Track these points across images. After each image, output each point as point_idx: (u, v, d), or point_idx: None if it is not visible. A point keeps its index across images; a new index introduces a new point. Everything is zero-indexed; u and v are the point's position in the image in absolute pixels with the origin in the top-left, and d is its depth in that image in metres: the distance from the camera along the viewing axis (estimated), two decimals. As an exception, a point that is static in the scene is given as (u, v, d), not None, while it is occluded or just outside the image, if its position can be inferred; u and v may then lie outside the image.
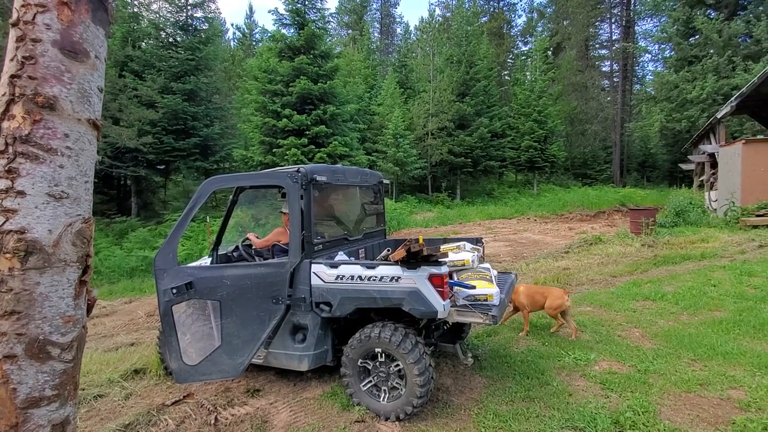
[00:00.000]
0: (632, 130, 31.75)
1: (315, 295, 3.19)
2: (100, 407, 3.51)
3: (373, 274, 3.04)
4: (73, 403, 1.06)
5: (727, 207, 11.78)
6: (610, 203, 20.32)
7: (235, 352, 3.24)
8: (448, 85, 24.28)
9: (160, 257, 3.37)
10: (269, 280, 3.22)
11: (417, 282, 2.89)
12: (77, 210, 1.03)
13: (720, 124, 14.04)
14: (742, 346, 4.01)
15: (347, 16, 43.22)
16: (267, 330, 3.18)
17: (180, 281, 3.24)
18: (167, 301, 3.27)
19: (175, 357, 3.30)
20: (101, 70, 1.10)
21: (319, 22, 15.53)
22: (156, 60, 17.46)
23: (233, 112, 20.74)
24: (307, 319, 3.25)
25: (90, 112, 1.06)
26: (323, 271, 3.18)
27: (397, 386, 3.04)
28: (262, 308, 3.22)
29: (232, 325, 3.26)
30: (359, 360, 3.12)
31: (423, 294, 2.87)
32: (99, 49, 1.09)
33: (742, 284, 6.05)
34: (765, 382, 3.29)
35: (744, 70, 18.66)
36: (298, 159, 13.30)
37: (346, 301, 3.11)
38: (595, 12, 36.43)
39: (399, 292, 2.94)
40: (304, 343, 3.28)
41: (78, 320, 1.05)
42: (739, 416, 2.87)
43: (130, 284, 9.51)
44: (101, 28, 1.10)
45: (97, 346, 5.25)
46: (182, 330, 3.33)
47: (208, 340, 3.31)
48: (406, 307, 2.92)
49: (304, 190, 3.23)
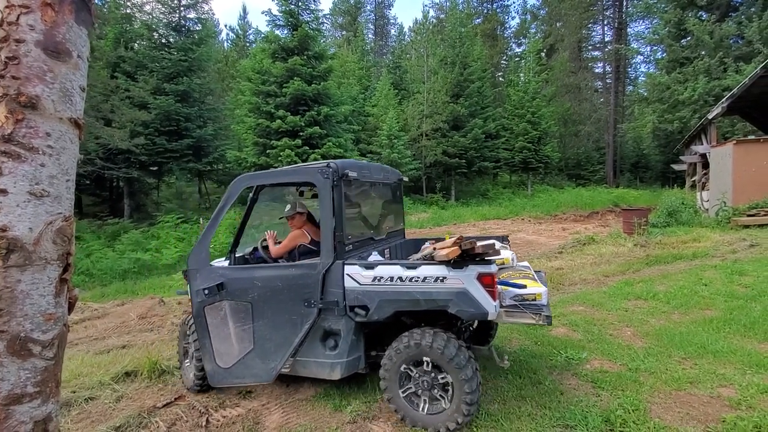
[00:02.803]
0: (625, 131, 32.03)
1: (349, 298, 3.01)
2: (90, 410, 3.48)
3: (414, 274, 2.88)
4: (55, 401, 1.06)
5: (718, 207, 11.90)
6: (604, 204, 20.46)
7: (267, 356, 3.16)
8: (442, 87, 24.36)
9: (192, 257, 3.34)
10: (301, 282, 3.09)
11: (465, 282, 2.74)
12: (58, 208, 1.02)
13: (711, 125, 14.19)
14: (732, 345, 4.05)
15: (341, 18, 43.28)
16: (300, 334, 3.07)
17: (212, 282, 3.19)
18: (200, 302, 3.24)
19: (209, 359, 3.27)
20: (84, 70, 1.10)
21: (312, 23, 15.53)
22: (148, 61, 17.40)
23: (227, 113, 20.71)
24: (340, 324, 3.07)
25: (72, 111, 1.06)
26: (358, 272, 3.01)
27: (440, 398, 2.86)
28: (294, 311, 3.11)
29: (265, 328, 3.17)
30: (402, 365, 2.94)
31: (472, 295, 2.72)
32: (82, 49, 1.09)
33: (733, 283, 6.11)
34: (755, 381, 3.32)
35: (735, 72, 18.87)
36: (292, 160, 13.28)
37: (384, 304, 2.95)
38: (587, 14, 36.72)
39: (445, 293, 2.79)
40: (336, 350, 3.10)
41: (59, 318, 1.04)
42: (729, 414, 2.89)
43: (123, 286, 9.44)
44: (84, 28, 1.10)
45: (89, 348, 5.21)
46: (215, 332, 3.27)
47: (241, 342, 3.25)
48: (452, 309, 2.77)
49: (336, 186, 3.06)
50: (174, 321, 6.11)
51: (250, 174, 3.45)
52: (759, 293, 5.52)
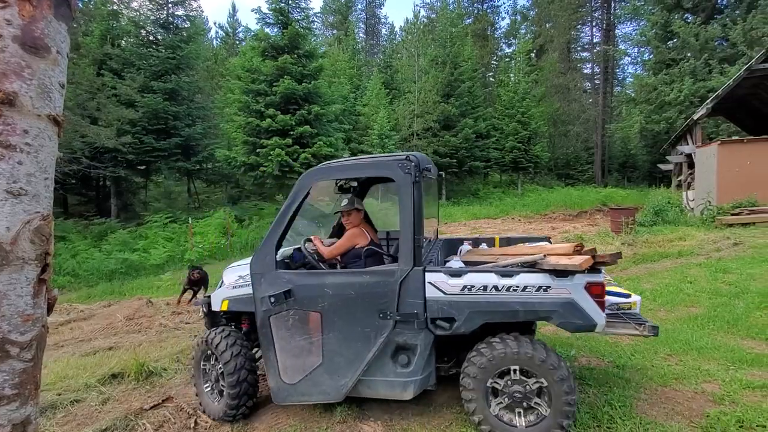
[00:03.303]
0: (613, 131, 32.42)
1: (431, 309, 2.72)
2: (76, 412, 3.43)
3: (513, 283, 2.64)
4: (34, 403, 1.04)
5: (703, 206, 12.10)
6: (592, 203, 20.71)
7: (337, 372, 2.88)
8: (433, 86, 24.44)
9: (256, 260, 3.01)
10: (376, 291, 2.78)
11: (572, 292, 2.55)
12: (36, 207, 1.00)
13: (697, 125, 14.43)
14: (716, 341, 4.13)
15: (332, 16, 43.15)
16: (373, 349, 2.79)
17: (278, 288, 2.89)
18: (265, 310, 2.94)
19: (273, 374, 2.98)
20: (63, 66, 1.08)
21: (303, 21, 15.45)
22: (136, 58, 17.18)
23: (216, 112, 20.54)
24: (418, 339, 2.77)
25: (50, 108, 1.03)
26: (443, 281, 2.72)
27: (536, 406, 2.64)
28: (367, 323, 2.80)
29: (335, 341, 2.88)
30: (489, 380, 2.68)
31: (580, 305, 2.53)
32: (61, 45, 1.07)
33: (717, 281, 6.22)
34: (738, 376, 3.38)
35: (720, 73, 19.22)
36: (283, 159, 13.20)
37: (475, 316, 2.68)
38: (576, 15, 37.11)
39: (549, 303, 2.57)
40: (410, 367, 2.81)
41: (37, 319, 1.02)
42: (712, 409, 2.94)
43: (110, 287, 9.31)
44: (63, 23, 1.08)
45: (74, 350, 5.13)
46: (281, 344, 2.97)
47: (309, 356, 2.95)
48: (556, 320, 2.59)
49: (416, 182, 2.74)
50: (162, 322, 6.04)
51: (323, 167, 3.05)
52: (742, 291, 5.64)
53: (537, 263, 2.70)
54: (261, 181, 14.29)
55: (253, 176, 14.26)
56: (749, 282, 5.98)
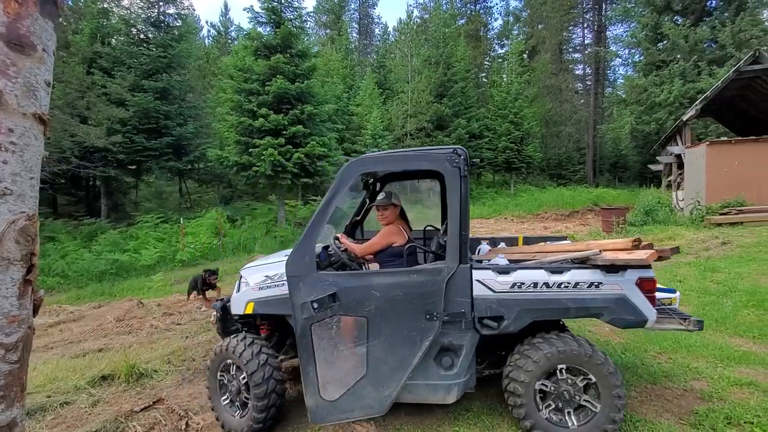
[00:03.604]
0: (604, 132, 32.73)
1: (479, 308, 2.64)
2: (66, 415, 3.39)
3: (564, 280, 2.61)
4: (20, 405, 1.02)
5: (692, 206, 12.26)
6: (584, 203, 20.89)
7: (381, 383, 2.68)
8: (426, 86, 24.48)
9: (293, 261, 2.71)
10: (423, 291, 2.62)
11: (624, 288, 2.54)
12: (21, 207, 0.99)
13: (686, 126, 14.61)
14: (705, 339, 4.18)
15: (325, 16, 43.02)
16: (418, 354, 2.64)
17: (321, 292, 2.63)
18: (306, 318, 2.64)
19: (312, 391, 2.69)
20: (49, 64, 1.06)
21: (296, 21, 15.38)
22: (126, 57, 17.01)
23: (208, 111, 20.40)
24: (464, 339, 2.68)
25: (36, 107, 1.02)
26: (491, 278, 2.66)
27: (585, 404, 2.60)
28: (413, 326, 2.64)
29: (380, 349, 2.67)
30: (537, 383, 2.62)
31: (632, 301, 2.52)
32: (47, 43, 1.05)
33: (706, 280, 6.31)
34: (726, 373, 3.43)
35: (709, 75, 19.48)
36: (275, 159, 13.13)
37: (524, 314, 2.63)
38: (568, 16, 37.40)
39: (601, 299, 2.55)
40: (454, 369, 2.71)
41: (23, 320, 1.01)
42: (701, 406, 2.98)
43: (100, 288, 9.20)
44: (50, 21, 1.06)
45: (64, 352, 5.06)
46: (322, 356, 2.68)
47: (352, 368, 2.72)
48: (607, 317, 2.58)
49: (464, 177, 2.64)
50: (153, 323, 5.98)
51: (369, 156, 2.85)
52: (730, 289, 5.72)
53: (590, 259, 2.67)
54: (253, 181, 14.20)
55: (245, 176, 14.17)
56: (737, 281, 6.07)
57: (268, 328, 3.26)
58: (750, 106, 16.22)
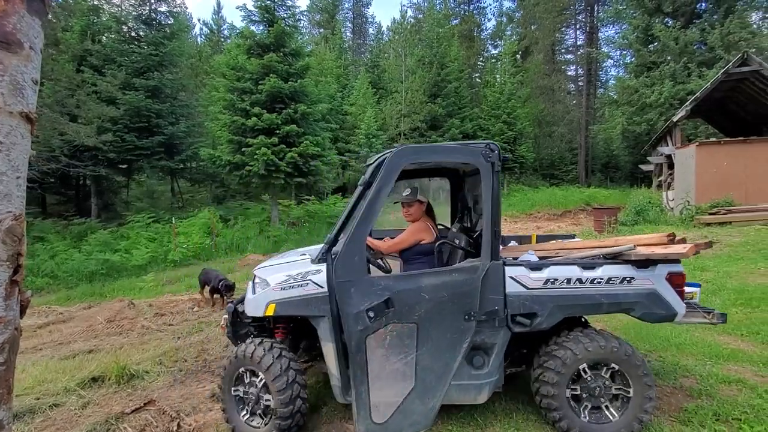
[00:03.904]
0: (596, 132, 32.98)
1: (512, 305, 2.60)
2: (55, 417, 3.35)
3: (596, 275, 2.60)
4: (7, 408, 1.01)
5: (682, 206, 12.41)
6: (576, 203, 21.04)
7: (427, 393, 2.53)
8: (420, 86, 24.53)
9: (341, 264, 2.48)
10: (463, 290, 2.54)
11: (655, 282, 2.56)
12: (7, 207, 0.97)
13: (676, 127, 14.79)
14: (694, 337, 4.24)
15: (318, 15, 42.90)
16: (459, 357, 2.55)
17: (375, 298, 2.43)
18: (362, 329, 2.40)
19: (364, 416, 2.44)
20: (37, 62, 1.05)
21: (289, 19, 15.30)
22: (117, 55, 16.82)
23: (200, 110, 20.24)
24: (496, 337, 2.63)
25: (23, 105, 1.00)
26: (524, 275, 2.63)
27: (619, 392, 2.63)
28: (455, 328, 2.54)
29: (427, 356, 2.53)
30: (569, 382, 2.60)
31: (662, 296, 2.55)
32: (34, 40, 1.04)
33: (695, 278, 6.38)
34: (714, 371, 3.48)
35: (699, 76, 19.73)
36: (268, 158, 13.07)
37: (557, 311, 2.60)
38: (561, 18, 37.63)
39: (633, 295, 2.56)
40: (485, 368, 2.66)
41: (10, 322, 1.00)
42: (690, 404, 3.02)
43: (90, 289, 9.09)
44: (37, 18, 1.05)
45: (53, 353, 5.00)
46: (375, 373, 2.46)
47: (401, 382, 2.50)
48: (638, 311, 2.58)
49: (497, 172, 2.60)
50: (144, 324, 5.93)
51: (410, 147, 2.71)
52: (718, 288, 5.80)
53: (623, 254, 2.66)
54: (246, 180, 14.12)
55: (238, 175, 14.08)
56: (726, 279, 6.16)
57: (283, 331, 3.11)
58: (738, 107, 16.45)
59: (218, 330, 5.34)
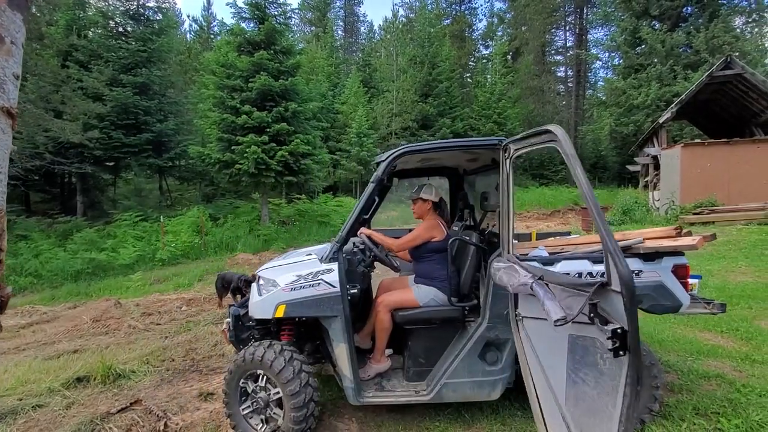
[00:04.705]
0: (585, 133, 33.36)
1: None
2: (38, 418, 3.29)
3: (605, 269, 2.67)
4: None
5: (668, 206, 12.63)
6: (565, 203, 21.28)
7: None
8: (411, 86, 24.57)
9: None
10: None
11: (661, 275, 2.58)
12: (-12, 203, 0.97)
13: (662, 128, 15.03)
14: (676, 334, 4.33)
15: (310, 13, 42.69)
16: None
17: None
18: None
19: None
20: (18, 57, 1.04)
21: (280, 17, 15.20)
22: (104, 50, 16.54)
23: (189, 108, 19.99)
24: (509, 333, 2.61)
25: (4, 100, 1.00)
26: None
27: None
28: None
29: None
30: None
31: (669, 288, 2.57)
32: (16, 35, 1.03)
33: (679, 277, 6.51)
34: (695, 367, 3.56)
35: (684, 79, 20.06)
36: (259, 157, 12.98)
37: None
38: (551, 19, 37.98)
39: (641, 287, 2.52)
40: (499, 364, 2.70)
41: (-11, 320, 0.99)
42: (671, 398, 3.08)
43: (75, 288, 8.96)
44: (18, 13, 1.04)
45: (37, 353, 4.92)
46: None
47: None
48: (646, 304, 2.57)
49: (512, 167, 2.60)
50: (131, 323, 5.86)
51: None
52: (701, 286, 5.92)
53: (632, 247, 2.67)
54: (236, 178, 13.99)
55: (228, 174, 13.95)
56: (707, 278, 6.29)
57: (290, 333, 3.03)
58: (722, 109, 16.78)
59: (206, 329, 5.30)
